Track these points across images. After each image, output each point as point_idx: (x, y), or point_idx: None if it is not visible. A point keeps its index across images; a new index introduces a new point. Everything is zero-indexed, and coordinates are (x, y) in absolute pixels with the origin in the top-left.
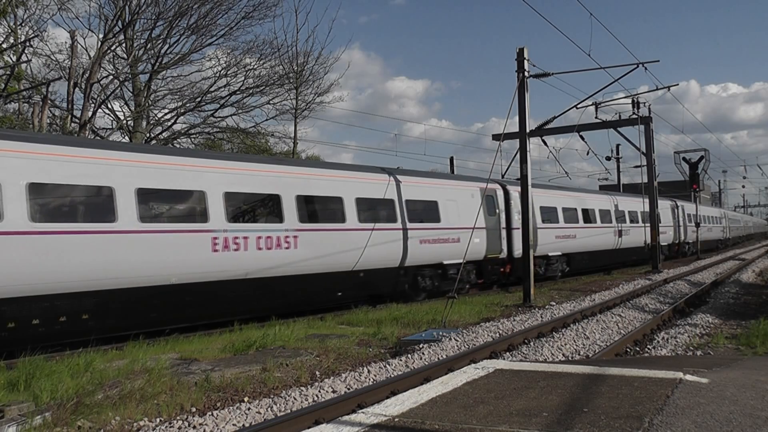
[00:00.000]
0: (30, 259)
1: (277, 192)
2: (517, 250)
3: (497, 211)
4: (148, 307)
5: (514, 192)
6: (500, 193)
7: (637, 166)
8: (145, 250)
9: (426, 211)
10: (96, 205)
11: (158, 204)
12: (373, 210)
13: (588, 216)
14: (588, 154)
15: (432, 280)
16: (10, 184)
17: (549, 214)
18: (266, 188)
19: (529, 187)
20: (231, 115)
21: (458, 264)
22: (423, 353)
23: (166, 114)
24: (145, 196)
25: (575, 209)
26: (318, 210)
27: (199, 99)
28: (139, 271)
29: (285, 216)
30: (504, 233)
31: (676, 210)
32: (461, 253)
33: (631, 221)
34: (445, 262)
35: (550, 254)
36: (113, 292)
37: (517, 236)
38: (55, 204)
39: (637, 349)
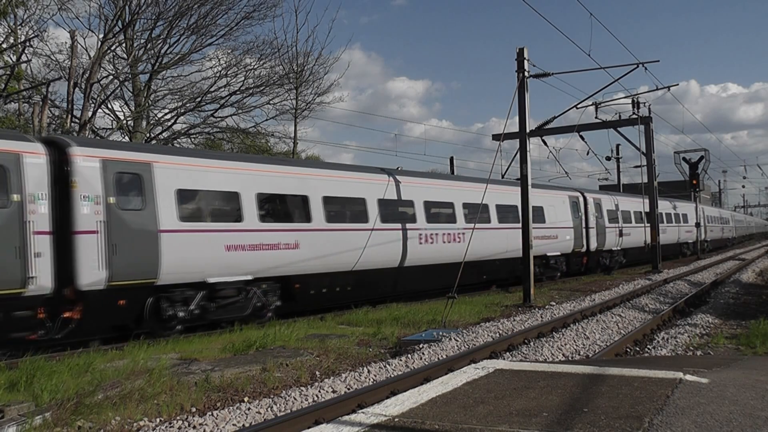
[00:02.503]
0: (326, 248)
1: (452, 200)
2: (592, 246)
3: (579, 214)
4: (384, 281)
5: (590, 198)
6: (581, 199)
7: (637, 166)
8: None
9: (536, 215)
10: (360, 212)
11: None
12: (508, 214)
13: (637, 217)
14: (588, 154)
15: (539, 268)
16: (314, 199)
17: (612, 215)
18: (447, 198)
19: (529, 187)
20: (231, 115)
21: (557, 256)
22: (423, 353)
23: (166, 114)
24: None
25: (629, 211)
26: (481, 215)
27: (199, 99)
28: (380, 257)
29: (457, 218)
30: (584, 232)
31: (701, 212)
32: (558, 247)
33: (667, 221)
34: (548, 254)
35: (613, 249)
36: (366, 272)
37: (593, 234)
38: (336, 210)
39: (637, 349)
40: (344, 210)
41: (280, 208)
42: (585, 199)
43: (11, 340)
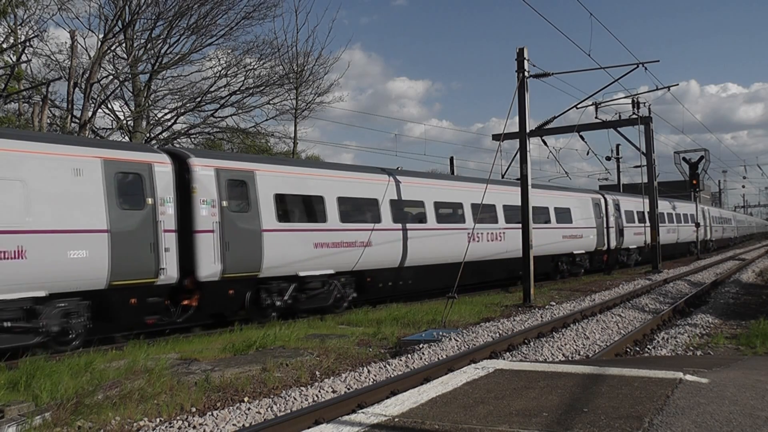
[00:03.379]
0: (393, 245)
1: (494, 203)
2: (612, 244)
3: (601, 214)
4: (439, 275)
5: (610, 200)
6: (602, 201)
7: (637, 166)
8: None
9: (564, 215)
10: (419, 213)
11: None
12: (540, 215)
13: (663, 218)
14: (588, 154)
15: (566, 264)
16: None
17: (629, 216)
18: (491, 200)
19: (529, 188)
20: (231, 115)
21: (582, 254)
22: (423, 353)
23: (166, 114)
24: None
25: (644, 212)
26: (513, 215)
27: (199, 99)
28: (436, 254)
29: (499, 219)
30: (605, 231)
31: (705, 213)
32: (583, 245)
33: (677, 222)
34: (575, 252)
35: (630, 247)
36: (426, 267)
37: (613, 233)
38: (400, 211)
39: (637, 349)
40: (406, 211)
41: (356, 210)
42: (606, 200)
43: (132, 324)
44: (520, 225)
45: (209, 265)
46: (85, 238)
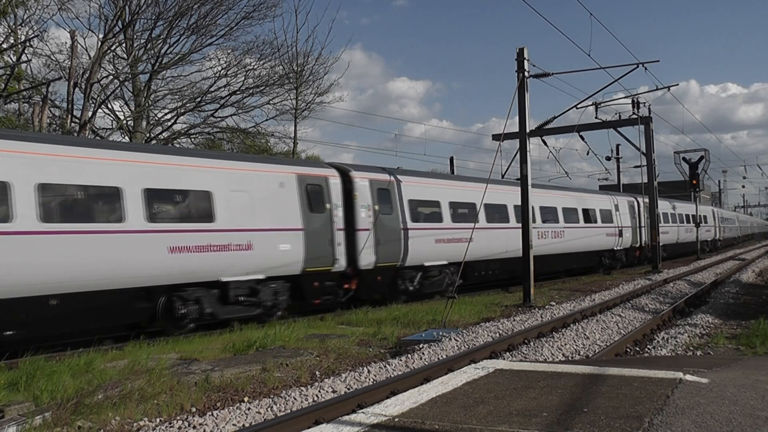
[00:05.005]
0: (488, 241)
1: (555, 206)
2: (643, 241)
3: (635, 215)
4: (501, 267)
5: (641, 201)
6: (635, 203)
7: (637, 166)
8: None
9: (607, 216)
10: (504, 214)
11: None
12: (588, 216)
13: (672, 218)
14: (588, 154)
15: (608, 259)
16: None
17: (664, 218)
18: (550, 203)
19: (529, 188)
20: (231, 115)
21: (620, 250)
22: (423, 353)
23: (166, 114)
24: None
25: (667, 213)
26: (571, 216)
27: (199, 99)
28: (516, 248)
29: (559, 220)
30: (639, 230)
31: (715, 214)
32: (622, 243)
33: (693, 222)
34: (615, 248)
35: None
36: (509, 259)
37: (644, 232)
38: (492, 213)
39: (637, 349)
40: (496, 213)
41: (462, 212)
42: (638, 202)
43: (312, 301)
44: (576, 225)
45: (367, 257)
46: (289, 234)
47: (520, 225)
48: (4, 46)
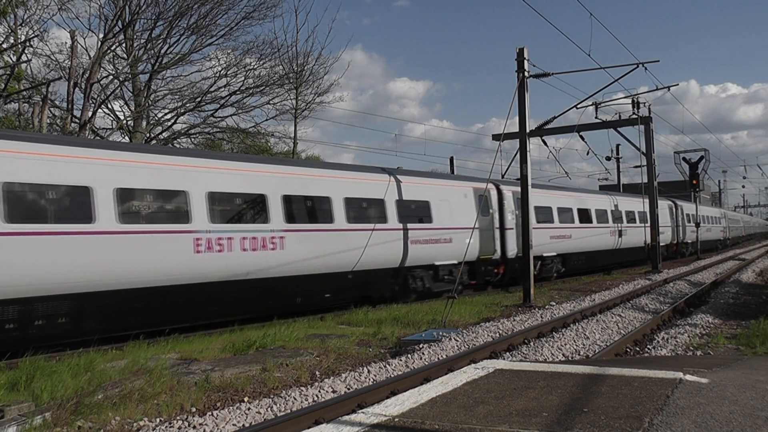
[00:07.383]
0: (582, 239)
1: (605, 208)
2: (679, 239)
3: (673, 217)
4: (590, 260)
5: (680, 203)
6: (673, 205)
7: (637, 166)
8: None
9: (644, 217)
10: (586, 216)
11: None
12: (633, 217)
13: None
14: (588, 154)
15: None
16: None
17: (687, 218)
18: (604, 206)
19: (529, 188)
20: (231, 115)
21: (662, 246)
22: (423, 353)
23: (166, 114)
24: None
25: (695, 215)
26: (630, 216)
27: (199, 99)
28: (584, 245)
29: (623, 220)
30: (676, 229)
31: (725, 215)
32: (663, 239)
33: (716, 222)
34: (661, 244)
35: (687, 242)
36: (589, 252)
37: (680, 231)
38: (578, 215)
39: (637, 349)
40: (580, 215)
41: (565, 213)
42: (677, 206)
43: (479, 281)
44: (629, 225)
45: (513, 249)
46: (471, 232)
47: (601, 225)
48: (4, 46)
